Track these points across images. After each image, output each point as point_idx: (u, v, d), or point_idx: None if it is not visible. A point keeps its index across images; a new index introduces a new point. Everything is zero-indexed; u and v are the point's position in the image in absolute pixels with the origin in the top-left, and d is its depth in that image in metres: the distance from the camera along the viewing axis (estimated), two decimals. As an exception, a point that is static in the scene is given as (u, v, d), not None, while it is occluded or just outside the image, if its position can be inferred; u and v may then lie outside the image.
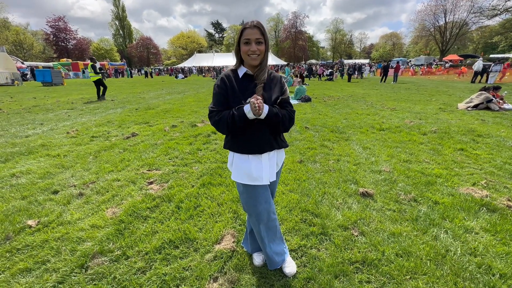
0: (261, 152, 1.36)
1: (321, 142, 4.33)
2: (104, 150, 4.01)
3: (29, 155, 3.78)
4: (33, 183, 2.90)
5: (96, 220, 2.17)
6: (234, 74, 1.37)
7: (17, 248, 1.85)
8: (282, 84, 1.42)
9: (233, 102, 1.31)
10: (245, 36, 1.26)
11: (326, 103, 8.73)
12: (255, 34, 1.25)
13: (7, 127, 5.57)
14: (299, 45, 62.06)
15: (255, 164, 1.37)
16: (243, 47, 1.28)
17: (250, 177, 1.38)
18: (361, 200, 2.48)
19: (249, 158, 1.38)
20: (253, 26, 1.25)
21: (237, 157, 1.41)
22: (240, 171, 1.40)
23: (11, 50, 41.40)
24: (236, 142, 1.38)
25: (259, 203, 1.42)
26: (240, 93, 1.31)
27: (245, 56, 1.30)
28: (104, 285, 1.53)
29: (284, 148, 1.51)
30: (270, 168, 1.41)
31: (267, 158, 1.40)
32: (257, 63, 1.32)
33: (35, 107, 8.39)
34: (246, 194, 1.43)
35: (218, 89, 1.34)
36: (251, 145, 1.34)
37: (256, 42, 1.26)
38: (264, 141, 1.35)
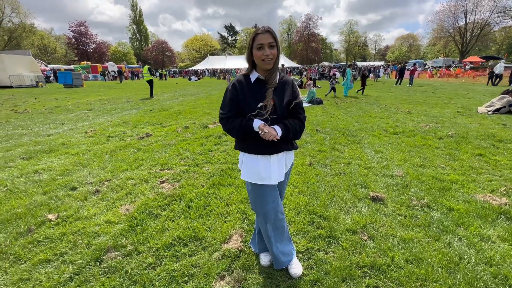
0: (270, 153, 1.39)
1: (332, 145, 4.29)
2: (120, 150, 4.16)
3: (50, 153, 3.99)
4: (53, 179, 3.06)
5: (111, 216, 2.26)
6: (246, 79, 1.40)
7: (38, 240, 1.96)
8: (294, 88, 1.43)
9: (244, 108, 1.34)
10: (258, 41, 1.28)
11: (338, 106, 8.63)
12: (267, 39, 1.27)
13: (31, 126, 5.89)
14: (312, 47, 61.65)
15: (264, 165, 1.40)
16: (257, 52, 1.30)
17: (259, 177, 1.41)
18: (371, 204, 2.44)
19: (258, 158, 1.41)
20: (265, 31, 1.28)
21: (246, 157, 1.45)
22: (249, 170, 1.43)
23: (36, 54, 43.74)
24: (246, 144, 1.41)
25: (267, 202, 1.45)
26: (251, 98, 1.33)
27: (258, 61, 1.32)
28: (117, 278, 1.60)
29: (293, 150, 1.52)
30: (279, 169, 1.43)
31: (276, 159, 1.42)
32: (271, 67, 1.33)
33: (56, 107, 8.83)
34: (254, 193, 1.46)
35: (229, 95, 1.37)
36: (260, 147, 1.37)
37: (269, 46, 1.28)
38: (273, 144, 1.36)
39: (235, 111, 1.37)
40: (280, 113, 1.35)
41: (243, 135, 1.34)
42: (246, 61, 1.40)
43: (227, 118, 1.36)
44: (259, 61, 1.31)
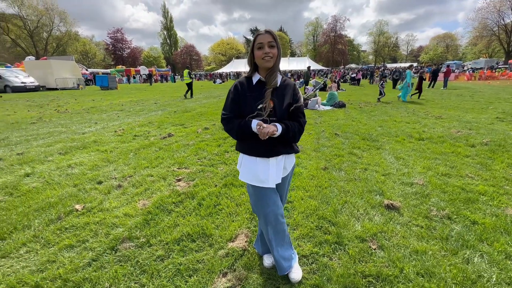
0: (268, 156, 1.40)
1: (350, 149, 4.17)
2: (143, 148, 4.43)
3: (83, 150, 4.38)
4: (83, 173, 3.36)
5: (129, 210, 2.43)
6: (248, 81, 1.44)
7: (65, 227, 2.18)
8: (296, 91, 1.43)
9: (245, 109, 1.37)
10: (258, 41, 1.33)
11: (361, 110, 8.33)
12: (267, 38, 1.32)
13: (70, 125, 6.50)
14: (338, 49, 60.15)
15: (262, 167, 1.41)
16: (257, 52, 1.34)
17: (257, 179, 1.43)
18: (385, 212, 2.34)
19: (257, 160, 1.42)
20: (265, 32, 1.33)
21: (245, 159, 1.47)
22: (247, 172, 1.46)
23: (79, 59, 47.98)
24: (245, 145, 1.44)
25: (267, 205, 1.46)
26: (252, 99, 1.36)
27: (259, 61, 1.35)
28: (128, 266, 1.73)
29: (294, 153, 1.52)
30: (277, 172, 1.44)
31: (275, 162, 1.42)
32: (271, 65, 1.36)
33: (92, 108, 9.62)
34: (255, 195, 1.48)
35: (231, 96, 1.42)
36: (259, 149, 1.39)
37: (269, 46, 1.32)
38: (272, 146, 1.38)
39: (236, 112, 1.40)
40: (280, 116, 1.37)
41: (242, 136, 1.37)
42: (248, 63, 1.44)
43: (228, 119, 1.41)
44: (260, 60, 1.34)
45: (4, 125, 6.51)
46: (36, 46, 43.89)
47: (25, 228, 2.16)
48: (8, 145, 4.67)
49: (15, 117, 7.67)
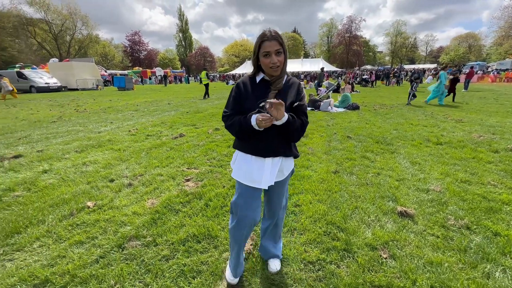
0: (265, 156, 1.35)
1: (363, 153, 4.04)
2: (155, 148, 4.51)
3: (98, 148, 4.52)
4: (97, 171, 3.45)
5: (138, 208, 2.47)
6: (251, 80, 1.40)
7: (77, 224, 2.23)
8: (300, 90, 1.39)
9: (246, 107, 1.33)
10: (264, 49, 1.25)
11: (376, 112, 8.09)
12: (274, 46, 1.25)
13: (87, 124, 6.74)
14: (353, 50, 59.03)
15: (257, 167, 1.37)
16: (263, 59, 1.28)
17: (249, 179, 1.38)
18: (398, 219, 2.23)
19: (252, 159, 1.37)
20: (271, 38, 1.25)
21: (240, 156, 1.43)
22: (241, 170, 1.41)
23: (98, 61, 49.96)
24: (242, 143, 1.40)
25: (250, 208, 1.40)
26: (254, 97, 1.32)
27: (266, 68, 1.30)
28: (134, 265, 1.74)
29: (293, 157, 1.47)
30: (271, 174, 1.37)
31: (270, 163, 1.37)
32: (279, 73, 1.32)
33: (109, 108, 9.95)
34: (242, 195, 1.42)
35: (233, 93, 1.40)
36: (256, 148, 1.35)
37: (276, 54, 1.26)
38: (270, 146, 1.34)
39: (237, 109, 1.37)
40: None
41: (241, 132, 1.32)
42: (252, 64, 1.40)
43: (228, 116, 1.38)
44: (267, 68, 1.30)
45: (27, 123, 6.86)
46: (60, 48, 46.18)
47: (40, 223, 2.24)
48: (29, 143, 4.90)
49: (37, 116, 8.07)
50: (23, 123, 6.98)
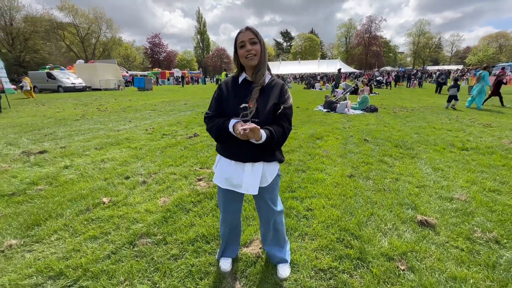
0: (244, 160, 1.33)
1: (380, 157, 3.87)
2: (170, 147, 4.59)
3: (116, 146, 4.67)
4: (114, 168, 3.56)
5: (150, 206, 2.50)
6: (233, 80, 1.39)
7: (92, 219, 2.30)
8: (283, 92, 1.33)
9: (227, 108, 1.31)
10: (239, 40, 1.27)
11: (395, 115, 7.76)
12: (248, 35, 1.26)
13: (107, 122, 7.02)
14: (373, 51, 57.33)
15: (237, 171, 1.35)
16: (240, 51, 1.29)
17: (229, 183, 1.38)
18: (418, 229, 2.10)
19: (232, 163, 1.36)
20: (245, 29, 1.27)
21: (222, 161, 1.42)
22: (221, 175, 1.41)
23: (121, 62, 52.08)
24: (222, 146, 1.39)
25: (229, 211, 1.53)
26: (235, 98, 1.31)
27: (243, 60, 1.30)
28: (143, 263, 1.75)
29: (277, 162, 1.42)
30: (253, 179, 1.34)
31: (250, 168, 1.34)
32: (256, 63, 1.29)
33: (129, 107, 10.31)
34: (222, 197, 1.51)
35: (215, 95, 1.39)
36: (235, 152, 1.33)
37: (250, 43, 1.26)
38: (250, 150, 1.29)
39: (219, 111, 1.35)
40: (263, 118, 1.26)
41: (220, 136, 1.30)
42: (234, 64, 1.40)
43: (209, 118, 1.36)
44: (243, 59, 1.29)
45: (53, 121, 7.25)
46: (86, 51, 48.68)
47: (58, 217, 2.33)
48: (54, 139, 5.17)
49: (63, 114, 8.52)
50: (49, 120, 7.39)
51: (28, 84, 15.50)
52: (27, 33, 37.86)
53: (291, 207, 2.44)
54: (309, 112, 8.63)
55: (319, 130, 5.75)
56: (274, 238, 1.64)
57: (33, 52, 39.00)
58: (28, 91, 15.35)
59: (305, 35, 68.11)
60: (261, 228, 1.66)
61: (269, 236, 1.63)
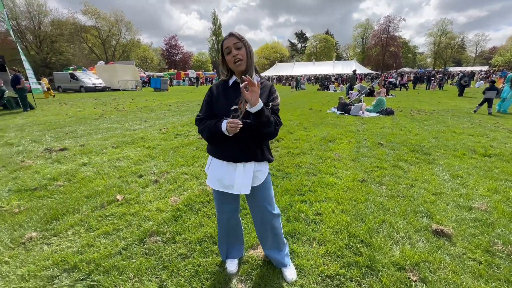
0: (236, 161, 1.37)
1: (395, 162, 3.74)
2: (182, 147, 4.69)
3: (131, 145, 4.83)
4: (128, 166, 3.68)
5: (161, 205, 2.57)
6: (224, 83, 1.42)
7: (106, 215, 2.39)
8: (271, 93, 1.39)
9: (217, 110, 1.36)
10: (225, 46, 1.31)
11: (413, 118, 7.49)
12: (232, 41, 1.29)
13: (124, 122, 7.27)
14: (390, 52, 55.67)
15: (229, 172, 1.39)
16: (227, 57, 1.32)
17: (221, 184, 1.42)
18: (432, 238, 2.01)
19: (224, 164, 1.40)
20: (229, 36, 1.31)
21: (214, 162, 1.46)
22: (214, 176, 1.45)
23: (139, 63, 53.75)
24: (214, 147, 1.42)
25: (224, 211, 1.55)
26: (226, 100, 1.34)
27: (232, 65, 1.33)
28: (152, 260, 1.80)
29: (266, 161, 1.46)
30: (244, 179, 1.38)
31: (242, 169, 1.38)
32: (244, 68, 1.32)
33: (145, 107, 10.63)
34: (217, 199, 1.55)
35: (206, 97, 1.43)
36: (227, 152, 1.37)
37: (235, 48, 1.29)
38: (241, 150, 1.35)
39: (209, 113, 1.39)
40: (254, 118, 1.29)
41: (212, 137, 1.33)
42: (222, 69, 1.42)
43: (201, 120, 1.40)
44: (232, 65, 1.32)
45: (75, 120, 7.61)
46: (107, 52, 50.69)
47: (75, 212, 2.44)
48: (74, 137, 5.42)
49: (83, 113, 8.92)
50: (71, 119, 7.76)
51: (45, 84, 16.29)
52: (54, 36, 39.99)
53: (299, 211, 2.42)
54: (322, 114, 8.51)
55: (331, 133, 5.65)
56: (274, 242, 1.64)
57: (58, 54, 41.11)
58: (46, 91, 16.16)
59: (320, 36, 67.29)
60: (257, 231, 1.66)
61: (267, 240, 1.63)
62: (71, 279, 1.64)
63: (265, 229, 1.57)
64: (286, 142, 4.91)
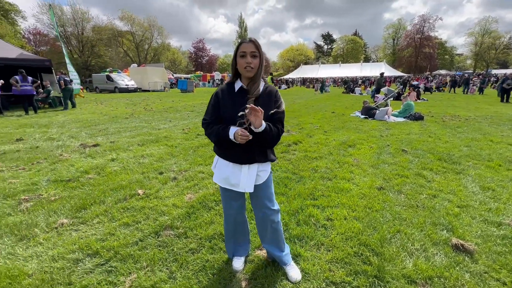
0: (241, 163, 1.44)
1: (418, 170, 3.55)
2: (202, 147, 4.86)
3: (155, 143, 5.11)
4: (151, 163, 3.91)
5: (177, 201, 2.70)
6: (229, 87, 1.46)
7: (127, 208, 2.58)
8: (277, 98, 1.43)
9: (225, 116, 1.41)
10: (241, 49, 1.34)
11: (444, 124, 6.99)
12: (250, 48, 1.33)
13: (151, 121, 7.70)
14: (424, 53, 52.36)
15: (235, 172, 1.47)
16: (239, 60, 1.35)
17: (228, 182, 1.50)
18: (451, 253, 1.89)
19: (230, 165, 1.47)
20: (249, 41, 1.34)
21: (220, 162, 1.54)
22: (220, 175, 1.53)
23: (168, 66, 56.46)
24: (221, 150, 1.50)
25: (231, 207, 1.62)
26: (232, 106, 1.38)
27: (241, 69, 1.37)
28: (164, 252, 1.91)
29: (269, 162, 1.52)
30: (248, 179, 1.46)
31: (247, 169, 1.46)
32: (252, 75, 1.37)
33: (170, 108, 11.16)
34: (223, 196, 1.63)
35: (212, 102, 1.47)
36: (234, 155, 1.44)
37: (251, 56, 1.33)
38: (247, 154, 1.42)
39: (216, 117, 1.44)
40: None
41: (219, 141, 1.40)
42: (230, 69, 1.47)
43: (208, 124, 1.46)
44: (242, 68, 1.36)
45: (108, 118, 8.23)
46: (139, 55, 54.01)
47: (101, 203, 2.67)
48: (106, 134, 5.88)
49: (116, 112, 9.60)
50: (105, 117, 8.41)
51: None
52: (94, 41, 43.61)
53: (310, 215, 2.40)
54: (345, 118, 8.28)
55: (352, 137, 5.49)
56: (273, 237, 1.67)
57: (97, 57, 44.73)
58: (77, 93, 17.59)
59: (347, 37, 65.32)
60: (257, 226, 1.72)
61: (266, 234, 1.67)
62: (92, 263, 1.81)
63: (265, 223, 1.62)
64: (304, 146, 4.87)
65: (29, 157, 4.18)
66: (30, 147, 4.80)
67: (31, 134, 5.90)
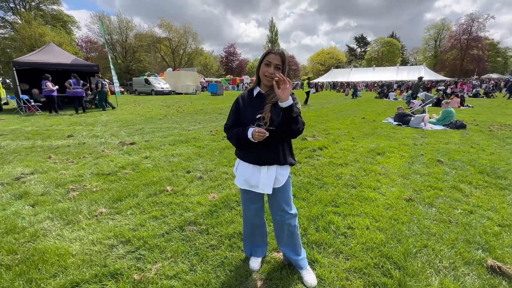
0: (261, 164, 1.51)
1: (455, 183, 3.28)
2: (227, 148, 5.03)
3: (185, 143, 5.41)
4: (180, 162, 4.16)
5: (201, 199, 2.85)
6: (249, 93, 1.55)
7: (156, 202, 2.79)
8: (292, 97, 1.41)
9: (244, 120, 1.49)
10: (268, 59, 1.41)
11: (491, 134, 6.33)
12: (276, 60, 1.40)
13: (182, 122, 8.15)
14: (471, 55, 47.71)
15: (254, 173, 1.54)
16: (263, 67, 1.43)
17: (248, 184, 1.57)
18: (485, 275, 1.74)
19: (250, 167, 1.55)
20: (277, 53, 1.41)
21: (241, 164, 1.63)
22: (241, 177, 1.61)
23: (200, 70, 59.03)
24: (242, 152, 1.58)
25: (249, 210, 1.70)
26: (251, 110, 1.47)
27: (262, 76, 1.45)
28: (187, 246, 2.05)
29: (288, 165, 1.57)
30: (267, 180, 1.52)
31: (266, 171, 1.52)
32: (271, 84, 1.43)
33: (200, 110, 11.66)
34: (243, 198, 1.71)
35: (233, 107, 1.56)
36: (253, 156, 1.52)
37: (275, 67, 1.41)
38: (266, 155, 1.49)
39: (236, 121, 1.53)
40: (277, 125, 1.39)
41: (239, 143, 1.49)
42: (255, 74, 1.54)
43: (229, 128, 1.56)
44: (263, 76, 1.44)
45: (144, 119, 8.89)
46: (175, 60, 57.30)
47: (134, 196, 2.92)
48: (141, 134, 6.37)
49: (151, 114, 10.32)
50: (141, 118, 9.09)
51: None
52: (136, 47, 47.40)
53: (330, 222, 2.37)
54: (376, 124, 7.91)
55: (382, 145, 5.24)
56: (289, 241, 1.69)
57: (138, 62, 48.50)
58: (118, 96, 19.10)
59: (383, 39, 62.14)
60: (275, 229, 1.77)
61: (283, 237, 1.70)
62: (124, 250, 2.00)
63: (282, 227, 1.66)
64: (330, 151, 4.78)
65: (77, 152, 4.71)
66: (78, 143, 5.40)
67: (79, 132, 6.63)
